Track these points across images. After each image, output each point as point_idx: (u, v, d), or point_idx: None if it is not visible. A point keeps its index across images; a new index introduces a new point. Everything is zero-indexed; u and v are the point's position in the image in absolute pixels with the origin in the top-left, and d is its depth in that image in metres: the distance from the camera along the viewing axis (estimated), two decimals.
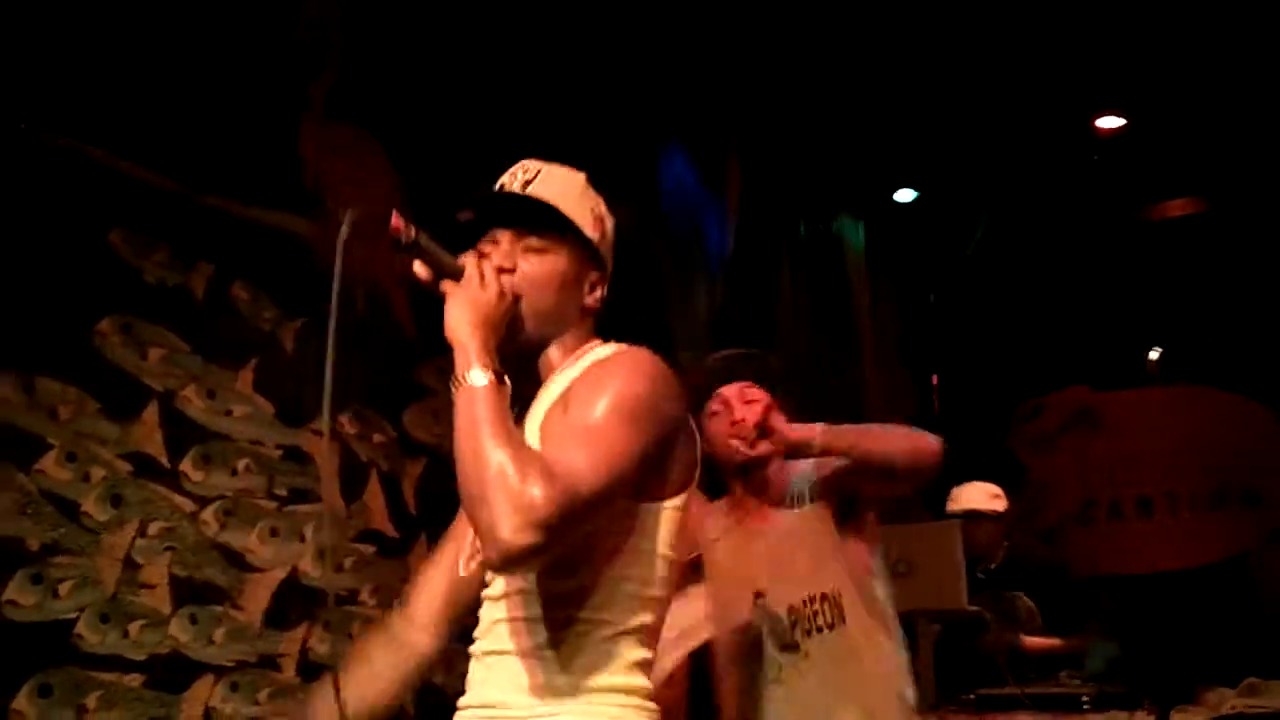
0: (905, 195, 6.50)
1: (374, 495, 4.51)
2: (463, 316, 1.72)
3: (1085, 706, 3.77)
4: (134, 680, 3.60)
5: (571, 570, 1.67)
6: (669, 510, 1.74)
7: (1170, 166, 6.00)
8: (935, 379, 7.05)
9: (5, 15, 3.44)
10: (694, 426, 1.83)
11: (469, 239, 1.88)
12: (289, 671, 4.12)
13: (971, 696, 4.12)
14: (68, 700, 3.42)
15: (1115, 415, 5.59)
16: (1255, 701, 3.75)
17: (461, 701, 1.80)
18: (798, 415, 2.85)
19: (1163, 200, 6.37)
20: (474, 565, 1.94)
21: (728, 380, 2.93)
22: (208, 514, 3.91)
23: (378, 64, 4.61)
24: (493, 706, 1.73)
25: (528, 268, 1.82)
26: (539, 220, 1.83)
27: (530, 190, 1.84)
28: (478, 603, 1.86)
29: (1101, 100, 5.69)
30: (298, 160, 4.39)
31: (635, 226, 5.54)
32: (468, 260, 1.78)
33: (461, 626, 1.98)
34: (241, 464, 4.06)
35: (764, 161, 5.66)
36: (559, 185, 1.87)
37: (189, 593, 3.82)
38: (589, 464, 1.57)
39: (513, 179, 1.88)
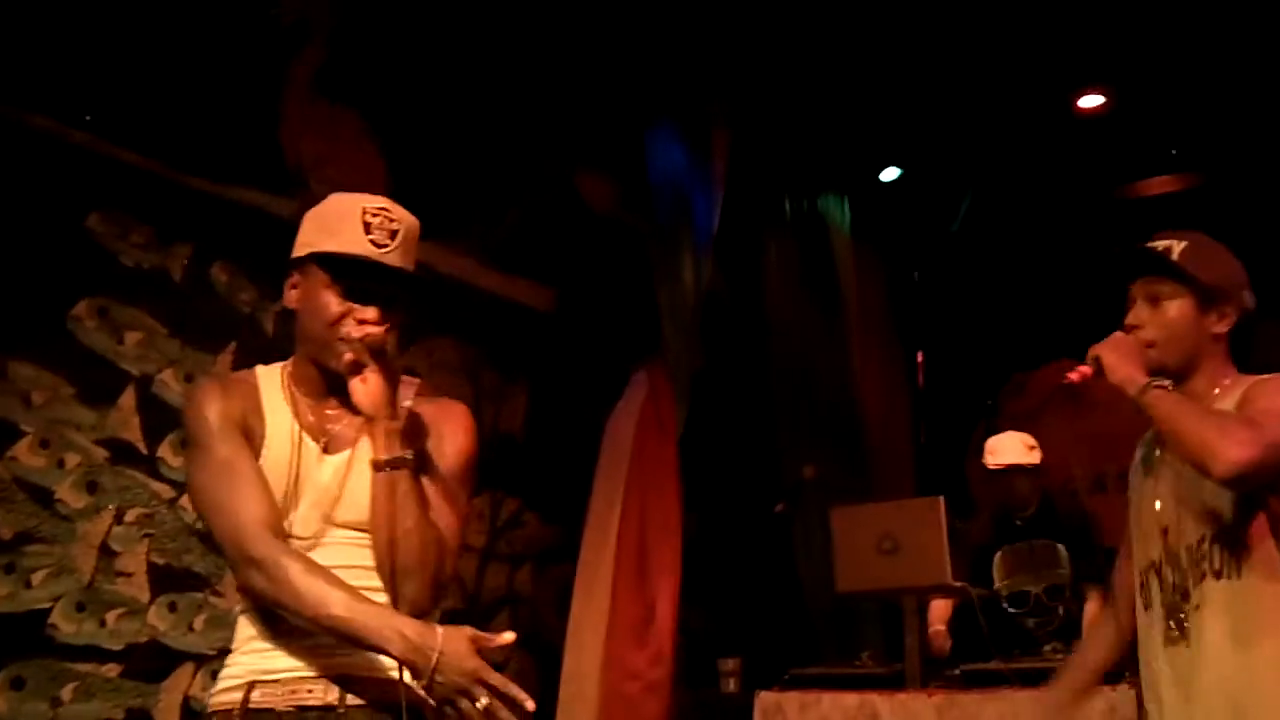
0: (890, 173, 6.47)
1: None
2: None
3: None
4: (111, 670, 3.58)
5: None
6: None
7: (1154, 143, 5.98)
8: (920, 356, 7.04)
9: None
10: None
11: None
12: None
13: (957, 672, 4.12)
14: (42, 692, 3.40)
15: (1099, 391, 5.57)
16: None
17: None
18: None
19: (1147, 177, 6.35)
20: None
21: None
22: (186, 500, 3.88)
23: (365, 43, 4.56)
24: None
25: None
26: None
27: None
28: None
29: (1085, 76, 5.66)
30: (280, 141, 4.35)
31: (620, 203, 5.57)
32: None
33: None
34: None
35: (750, 139, 5.62)
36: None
37: (168, 580, 3.78)
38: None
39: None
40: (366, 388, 1.93)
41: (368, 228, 1.99)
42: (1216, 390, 2.24)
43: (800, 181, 6.29)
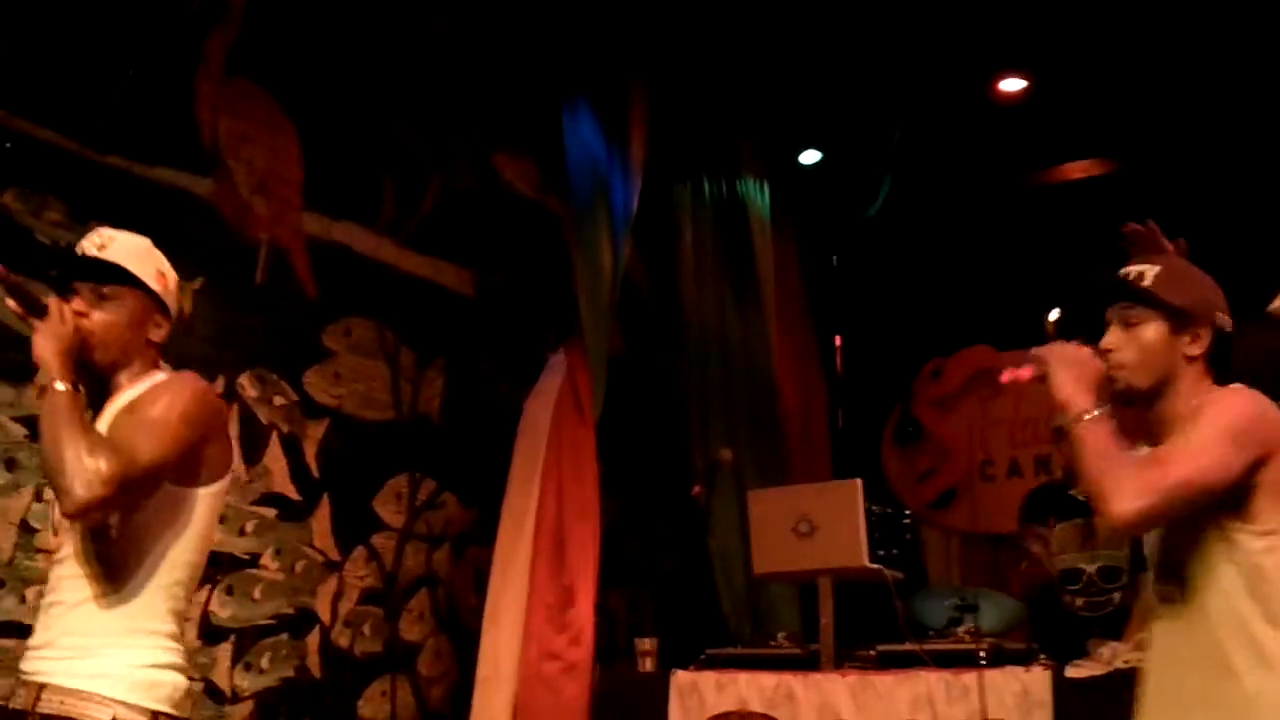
0: (809, 156, 6.53)
1: (275, 458, 4.46)
2: (48, 345, 2.21)
3: (982, 662, 3.86)
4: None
5: (121, 536, 2.22)
6: (207, 495, 2.33)
7: (1071, 128, 6.08)
8: (839, 340, 7.13)
9: None
10: (227, 434, 2.45)
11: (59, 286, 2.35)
12: (190, 635, 4.07)
13: (872, 652, 4.20)
14: None
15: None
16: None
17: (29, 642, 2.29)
18: None
19: (1064, 162, 6.47)
20: None
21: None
22: None
23: (280, 22, 4.51)
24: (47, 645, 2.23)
25: (99, 314, 2.32)
26: (109, 276, 2.33)
27: (103, 254, 2.35)
28: None
29: (1004, 60, 5.75)
30: (196, 119, 4.29)
31: (537, 185, 5.57)
32: (52, 302, 2.26)
33: None
34: None
35: (668, 121, 5.65)
36: (126, 249, 2.38)
37: None
38: (146, 444, 2.16)
39: (89, 244, 2.37)
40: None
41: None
42: (1188, 412, 2.24)
43: (718, 164, 6.33)
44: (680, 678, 4.34)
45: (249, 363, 4.39)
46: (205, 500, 2.33)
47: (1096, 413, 2.18)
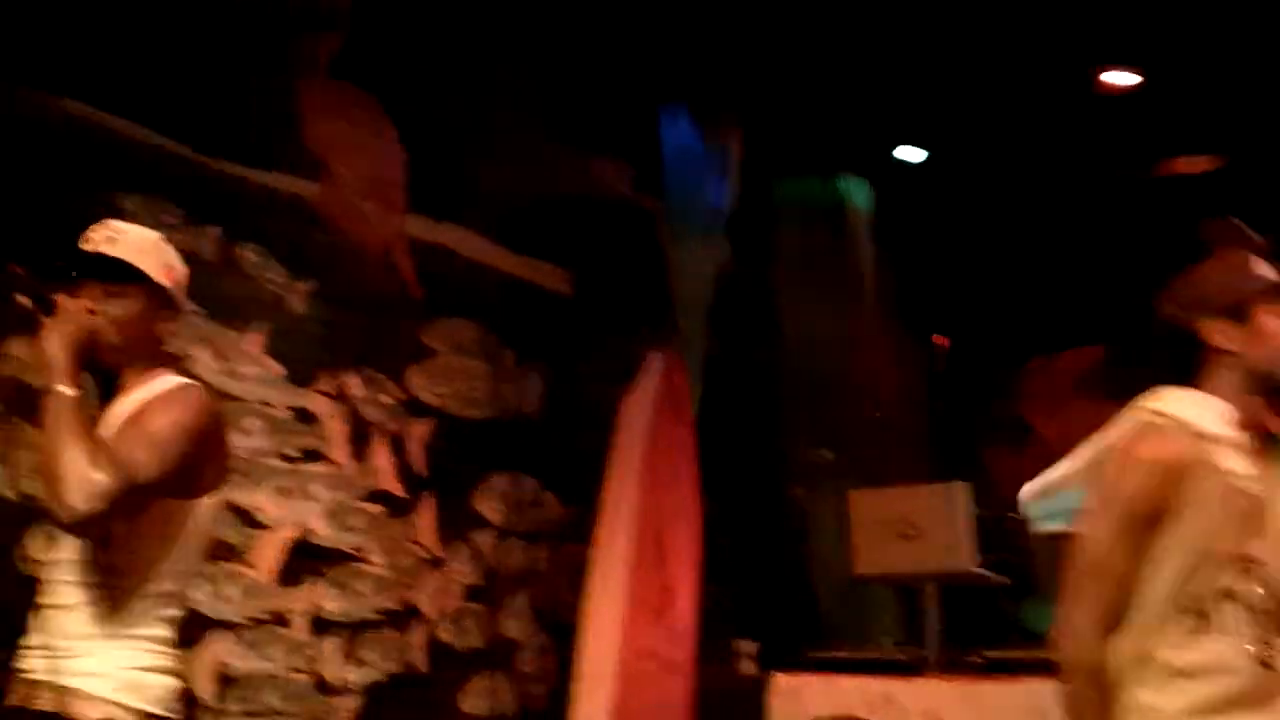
0: (909, 153, 6.46)
1: (381, 456, 4.53)
2: (54, 341, 2.19)
3: None
4: None
5: (117, 544, 2.20)
6: (204, 506, 2.31)
7: (1182, 122, 5.93)
8: (939, 339, 7.04)
9: None
10: (226, 447, 2.40)
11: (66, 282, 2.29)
12: (299, 628, 4.16)
13: (979, 658, 4.15)
14: None
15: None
16: None
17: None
18: None
19: (1174, 156, 6.31)
20: None
21: None
22: None
23: (381, 28, 4.58)
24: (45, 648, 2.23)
25: (109, 309, 2.28)
26: (118, 271, 2.29)
27: (112, 249, 2.30)
28: None
29: (1111, 54, 5.63)
30: (301, 126, 4.38)
31: (634, 185, 5.59)
32: (60, 298, 2.23)
33: None
34: (251, 424, 4.08)
35: (765, 119, 5.64)
36: (134, 243, 2.34)
37: None
38: (147, 459, 2.14)
39: (98, 239, 2.32)
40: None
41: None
42: None
43: (816, 162, 6.30)
44: (781, 680, 4.34)
45: (355, 363, 4.47)
46: (201, 511, 2.32)
47: None
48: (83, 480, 2.07)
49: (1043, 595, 4.32)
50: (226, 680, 3.91)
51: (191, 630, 3.79)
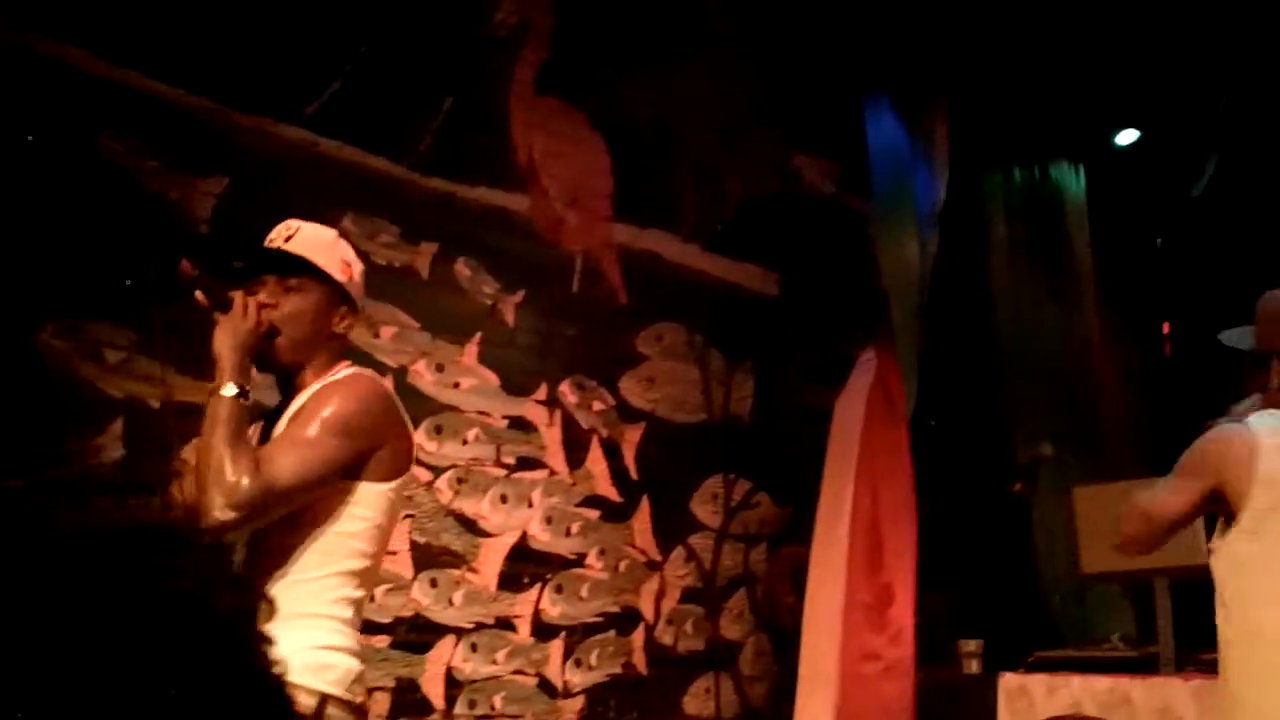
0: (1127, 136, 6.21)
1: (596, 461, 4.62)
2: (226, 339, 2.22)
3: None
4: (380, 641, 3.80)
5: (295, 526, 2.22)
6: (383, 490, 2.29)
7: None
8: (1166, 327, 6.74)
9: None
10: (406, 433, 2.38)
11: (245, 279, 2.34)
12: (523, 632, 4.28)
13: (1215, 655, 3.96)
14: None
15: None
16: None
17: None
18: None
19: None
20: None
21: None
22: (442, 482, 4.08)
23: (583, 39, 4.67)
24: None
25: (287, 304, 2.30)
26: (295, 267, 2.31)
27: (288, 245, 2.33)
28: None
29: None
30: (510, 140, 4.50)
31: (839, 184, 5.54)
32: (236, 296, 2.26)
33: None
34: (471, 434, 4.21)
35: (973, 107, 5.50)
36: (311, 240, 2.35)
37: (428, 558, 4.01)
38: (289, 465, 2.15)
39: (277, 236, 2.35)
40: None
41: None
42: None
43: (1029, 150, 6.11)
44: (1008, 680, 4.23)
45: (568, 370, 4.56)
46: (378, 495, 2.29)
47: None
48: (224, 488, 2.09)
49: None
50: (454, 683, 4.05)
51: (422, 635, 3.96)
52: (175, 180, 3.53)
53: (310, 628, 2.18)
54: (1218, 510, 2.94)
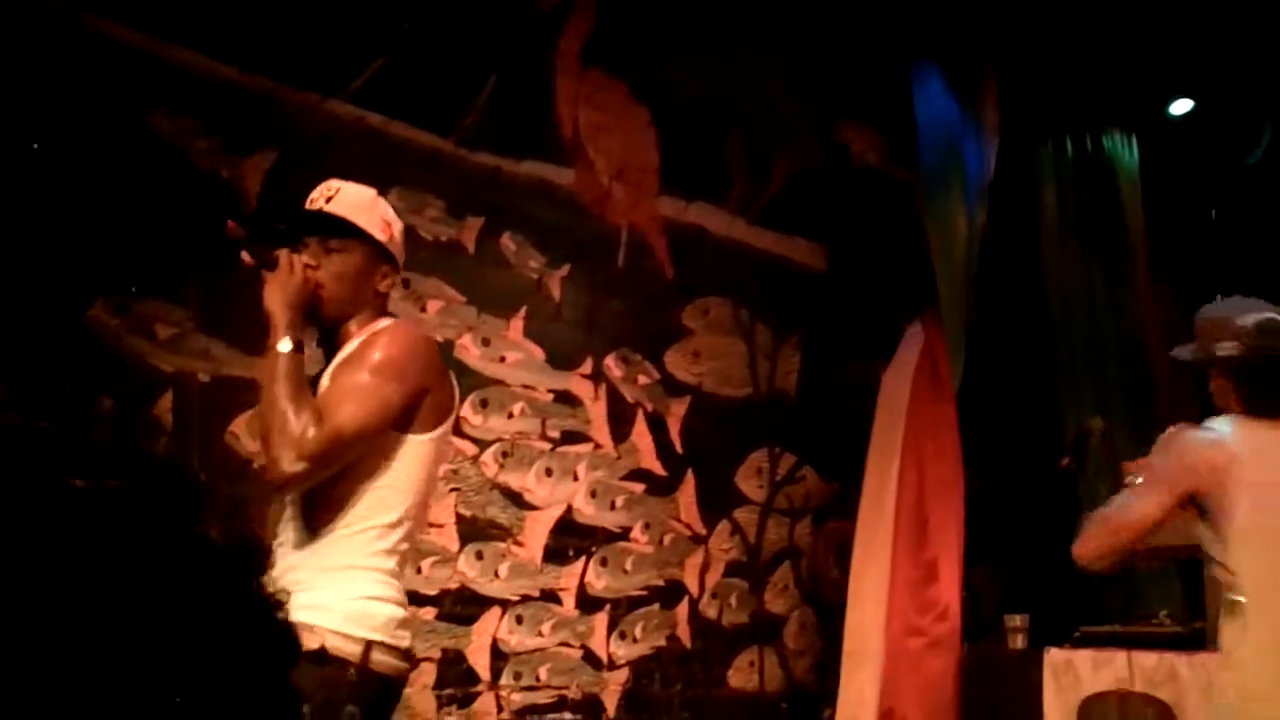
0: (1180, 106, 6.11)
1: (641, 435, 4.63)
2: (276, 297, 2.29)
3: None
4: (428, 613, 3.85)
5: (341, 478, 2.25)
6: (424, 441, 2.32)
7: None
8: (1220, 299, 6.65)
9: None
10: (448, 380, 2.42)
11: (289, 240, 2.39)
12: (568, 604, 4.31)
13: None
14: None
15: None
16: None
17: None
18: None
19: None
20: None
21: None
22: (487, 456, 4.11)
23: (626, 9, 4.65)
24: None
25: (330, 265, 2.36)
26: (337, 228, 2.37)
27: (329, 207, 2.37)
28: None
29: None
30: (556, 114, 4.49)
31: (886, 156, 5.49)
32: (281, 255, 2.32)
33: None
34: (516, 408, 4.24)
35: (1024, 77, 5.43)
36: (352, 200, 2.40)
37: (473, 531, 4.04)
38: (350, 412, 2.20)
39: (318, 196, 2.39)
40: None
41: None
42: None
43: (1081, 121, 6.03)
44: (1054, 655, 4.21)
45: (614, 344, 4.57)
46: (423, 445, 2.32)
47: None
48: (291, 441, 2.14)
49: None
50: (500, 655, 4.09)
51: (468, 607, 4.00)
52: (225, 158, 3.56)
53: (353, 579, 2.23)
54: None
